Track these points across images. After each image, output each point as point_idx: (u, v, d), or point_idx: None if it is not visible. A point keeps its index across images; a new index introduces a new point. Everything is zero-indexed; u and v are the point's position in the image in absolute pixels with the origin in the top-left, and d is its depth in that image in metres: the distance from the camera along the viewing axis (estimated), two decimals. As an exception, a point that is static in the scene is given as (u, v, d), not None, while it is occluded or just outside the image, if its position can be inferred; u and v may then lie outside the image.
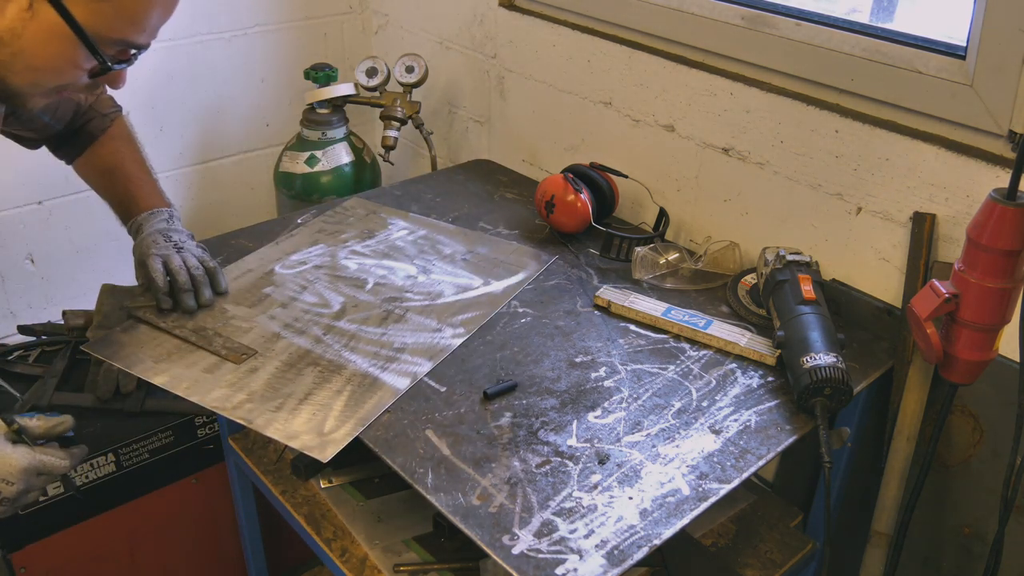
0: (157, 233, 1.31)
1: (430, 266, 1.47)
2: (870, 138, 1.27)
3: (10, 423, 1.03)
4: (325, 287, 1.39)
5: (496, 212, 1.68)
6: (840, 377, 1.09)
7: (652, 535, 0.94)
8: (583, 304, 1.37)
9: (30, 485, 1.02)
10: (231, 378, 1.17)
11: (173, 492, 1.69)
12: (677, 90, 1.53)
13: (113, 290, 1.30)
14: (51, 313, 2.00)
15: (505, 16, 1.83)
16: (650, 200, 1.62)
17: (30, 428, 1.04)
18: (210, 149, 2.15)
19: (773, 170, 1.42)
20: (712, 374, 1.21)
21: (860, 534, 1.38)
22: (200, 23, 2.01)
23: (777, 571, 1.37)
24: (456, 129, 2.09)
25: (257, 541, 1.75)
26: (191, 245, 1.33)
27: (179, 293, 1.27)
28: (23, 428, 1.03)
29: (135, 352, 1.22)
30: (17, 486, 0.99)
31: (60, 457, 1.04)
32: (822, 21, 1.32)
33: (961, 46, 1.16)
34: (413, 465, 1.03)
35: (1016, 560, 1.22)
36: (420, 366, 1.20)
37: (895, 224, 1.28)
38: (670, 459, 1.05)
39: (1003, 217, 1.01)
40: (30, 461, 1.01)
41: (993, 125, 1.13)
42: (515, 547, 0.92)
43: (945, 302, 1.07)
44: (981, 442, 1.25)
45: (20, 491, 1.00)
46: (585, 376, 1.20)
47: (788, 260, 1.29)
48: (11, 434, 1.02)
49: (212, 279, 1.33)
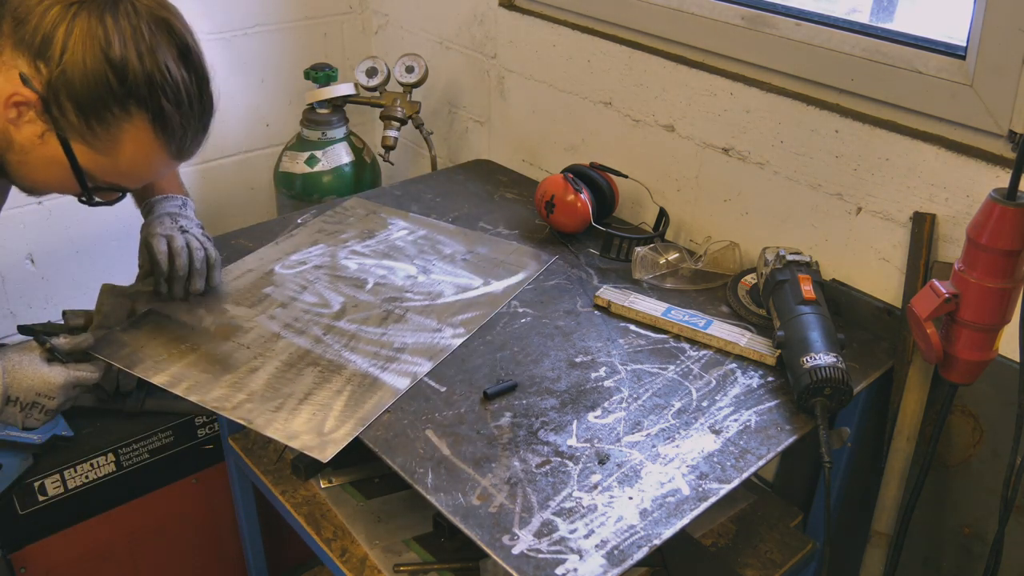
0: (166, 216, 1.32)
1: (430, 266, 1.47)
2: (870, 138, 1.27)
3: (43, 343, 1.14)
4: (325, 287, 1.39)
5: (496, 212, 1.68)
6: (840, 377, 1.09)
7: (652, 535, 0.94)
8: (583, 304, 1.37)
9: (68, 397, 1.14)
10: (231, 378, 1.17)
11: (173, 492, 1.69)
12: (677, 90, 1.53)
13: (113, 290, 1.30)
14: (51, 313, 1.99)
15: (505, 16, 1.83)
16: (650, 200, 1.62)
17: (60, 346, 1.15)
18: (210, 149, 2.13)
19: (773, 170, 1.42)
20: (712, 374, 1.21)
21: (860, 534, 1.38)
22: (200, 23, 1.99)
23: (777, 571, 1.37)
24: (456, 129, 2.09)
25: (257, 541, 1.75)
26: (197, 233, 1.34)
27: (172, 278, 1.29)
28: (55, 347, 1.14)
29: (135, 352, 1.22)
30: (58, 399, 1.12)
31: (90, 370, 1.16)
32: (822, 21, 1.32)
33: (961, 46, 1.16)
34: (413, 465, 1.03)
35: (1016, 560, 1.22)
36: (420, 366, 1.20)
37: (895, 224, 1.28)
38: (670, 459, 1.05)
39: (1003, 217, 1.01)
40: (66, 377, 1.12)
41: (993, 125, 1.13)
42: (515, 547, 0.92)
43: (945, 302, 1.07)
44: (981, 442, 1.25)
45: (60, 404, 1.13)
46: (585, 376, 1.20)
47: (788, 260, 1.29)
48: (45, 353, 1.13)
49: (209, 272, 1.33)
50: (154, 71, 0.99)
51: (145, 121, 1.01)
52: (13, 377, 1.09)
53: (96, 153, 1.03)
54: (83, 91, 0.97)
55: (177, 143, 1.06)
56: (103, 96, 0.98)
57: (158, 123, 1.02)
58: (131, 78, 0.98)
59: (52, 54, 0.96)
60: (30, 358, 1.12)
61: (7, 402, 1.09)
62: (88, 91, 0.97)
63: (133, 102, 1.00)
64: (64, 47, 0.96)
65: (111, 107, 0.99)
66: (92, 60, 0.96)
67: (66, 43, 0.96)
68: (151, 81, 0.99)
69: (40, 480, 1.53)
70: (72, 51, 0.96)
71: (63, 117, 0.99)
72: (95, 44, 0.96)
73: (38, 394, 1.10)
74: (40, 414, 1.12)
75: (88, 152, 1.03)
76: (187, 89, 1.03)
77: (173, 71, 1.01)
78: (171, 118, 1.02)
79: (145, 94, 0.99)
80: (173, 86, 1.01)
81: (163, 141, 1.04)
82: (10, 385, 1.09)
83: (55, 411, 1.13)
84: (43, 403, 1.11)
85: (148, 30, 0.99)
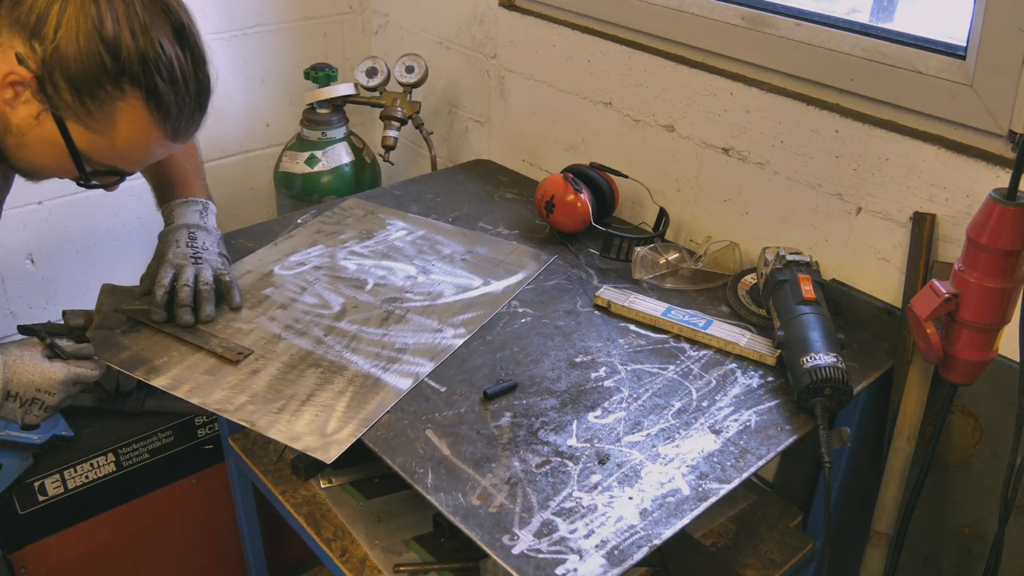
0: (184, 229, 1.32)
1: (429, 266, 1.47)
2: (870, 138, 1.27)
3: (43, 338, 1.14)
4: (325, 288, 1.39)
5: (496, 212, 1.68)
6: (840, 377, 1.09)
7: (652, 535, 0.94)
8: (583, 304, 1.37)
9: (68, 394, 1.14)
10: (233, 380, 1.17)
11: (173, 492, 1.69)
12: (677, 90, 1.53)
13: (113, 290, 1.30)
14: (51, 313, 1.99)
15: (505, 16, 1.83)
16: (650, 200, 1.62)
17: (63, 346, 1.15)
18: (210, 149, 2.14)
19: (773, 170, 1.42)
20: (712, 374, 1.21)
21: (860, 534, 1.38)
22: (200, 23, 2.00)
23: (777, 571, 1.37)
24: (456, 129, 2.09)
25: (257, 541, 1.75)
26: (212, 254, 1.32)
27: (176, 307, 1.26)
28: (57, 345, 1.14)
29: (137, 354, 1.22)
30: (58, 396, 1.13)
31: (91, 368, 1.16)
32: (822, 21, 1.32)
33: (961, 46, 1.16)
34: (413, 465, 1.03)
35: (1016, 560, 1.23)
36: (422, 366, 1.20)
37: (895, 224, 1.28)
38: (670, 459, 1.05)
39: (1003, 217, 1.01)
40: (67, 374, 1.13)
41: (993, 125, 1.13)
42: (515, 547, 0.92)
43: (945, 302, 1.07)
44: (981, 442, 1.25)
45: (60, 400, 1.13)
46: (585, 376, 1.20)
47: (788, 260, 1.29)
48: (46, 350, 1.14)
49: (226, 294, 1.31)
50: (148, 49, 0.99)
51: (139, 99, 1.01)
52: (13, 372, 1.09)
53: (92, 133, 1.02)
54: (77, 69, 0.97)
55: (172, 122, 1.05)
56: (97, 74, 0.98)
57: (152, 101, 1.01)
58: (124, 55, 0.98)
59: (46, 33, 0.96)
60: (31, 353, 1.12)
61: (7, 397, 1.09)
62: (82, 69, 0.97)
63: (127, 80, 0.99)
64: (58, 25, 0.96)
65: (105, 85, 0.98)
66: (85, 38, 0.96)
67: (60, 21, 0.96)
68: (144, 59, 0.99)
69: (40, 480, 1.53)
70: (66, 29, 0.96)
71: (58, 96, 0.99)
72: (88, 22, 0.96)
73: (38, 389, 1.11)
74: (40, 410, 1.12)
75: (84, 132, 1.02)
76: (182, 67, 1.02)
77: (167, 49, 1.00)
78: (166, 96, 1.01)
79: (139, 71, 0.99)
80: (167, 64, 1.00)
81: (158, 120, 1.03)
82: (10, 379, 1.09)
83: (55, 408, 1.13)
84: (43, 399, 1.11)
85: (143, 8, 0.99)
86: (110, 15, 0.97)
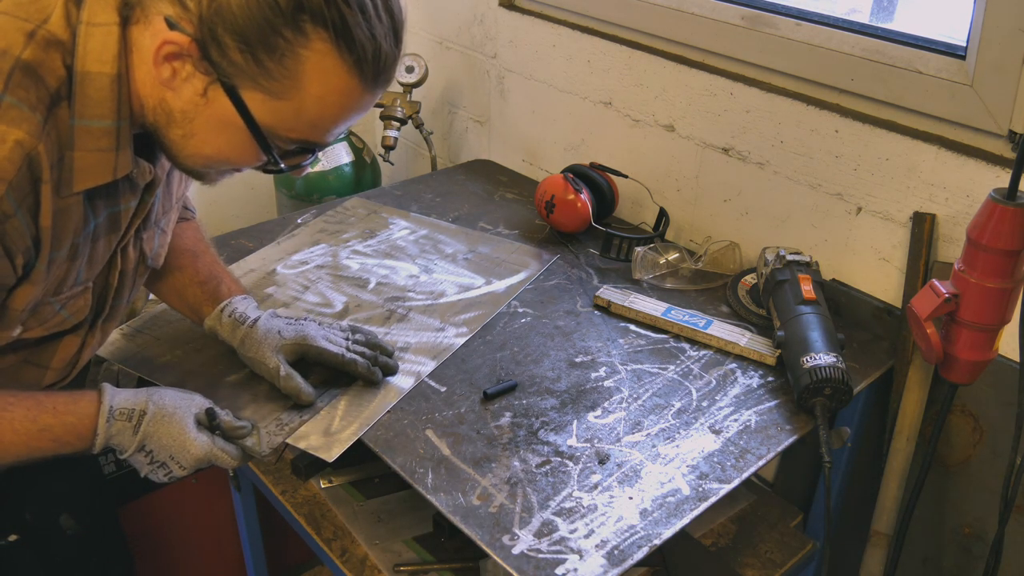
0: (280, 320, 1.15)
1: (432, 265, 1.47)
2: (870, 138, 1.27)
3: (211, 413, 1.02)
4: (327, 287, 1.39)
5: (496, 212, 1.68)
6: (840, 377, 1.09)
7: (652, 535, 0.94)
8: (583, 304, 1.37)
9: (199, 469, 1.02)
10: (235, 379, 1.17)
11: (173, 492, 1.69)
12: (677, 90, 1.53)
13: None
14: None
15: (505, 16, 1.83)
16: (650, 200, 1.62)
17: (221, 420, 1.03)
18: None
19: (773, 170, 1.42)
20: (712, 374, 1.21)
21: (860, 534, 1.38)
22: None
23: (777, 571, 1.37)
24: (456, 129, 2.09)
25: (257, 541, 1.75)
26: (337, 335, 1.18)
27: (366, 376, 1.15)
28: (215, 414, 1.03)
29: (138, 354, 1.22)
30: (188, 471, 1.00)
31: (231, 455, 1.03)
32: (822, 21, 1.32)
33: (961, 46, 1.16)
34: (413, 465, 1.03)
35: (1016, 560, 1.23)
36: (424, 366, 1.20)
37: (895, 224, 1.28)
38: (670, 459, 1.05)
39: (1003, 217, 1.01)
40: (205, 452, 1.00)
41: (993, 125, 1.13)
42: (515, 547, 0.92)
43: (945, 302, 1.07)
44: (981, 442, 1.25)
45: (189, 474, 1.01)
46: (585, 376, 1.20)
47: (788, 260, 1.29)
48: (202, 414, 1.02)
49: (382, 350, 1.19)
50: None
51: (326, 41, 0.80)
52: (155, 429, 0.98)
53: (274, 99, 0.83)
54: (244, 18, 0.78)
55: (371, 63, 0.84)
56: (269, 19, 0.79)
57: (343, 40, 0.81)
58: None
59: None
60: (183, 414, 1.00)
61: (139, 449, 0.98)
62: (250, 17, 0.79)
63: (307, 18, 0.79)
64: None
65: (281, 31, 0.79)
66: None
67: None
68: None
69: (40, 480, 1.53)
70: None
71: (225, 59, 0.80)
72: None
73: (171, 457, 0.99)
74: (164, 475, 1.00)
75: (264, 100, 0.83)
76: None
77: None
78: (357, 31, 0.81)
79: (320, 4, 0.79)
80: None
81: (351, 63, 0.83)
82: (149, 436, 0.97)
83: (180, 479, 1.02)
84: (172, 468, 1.00)
85: None
86: None
